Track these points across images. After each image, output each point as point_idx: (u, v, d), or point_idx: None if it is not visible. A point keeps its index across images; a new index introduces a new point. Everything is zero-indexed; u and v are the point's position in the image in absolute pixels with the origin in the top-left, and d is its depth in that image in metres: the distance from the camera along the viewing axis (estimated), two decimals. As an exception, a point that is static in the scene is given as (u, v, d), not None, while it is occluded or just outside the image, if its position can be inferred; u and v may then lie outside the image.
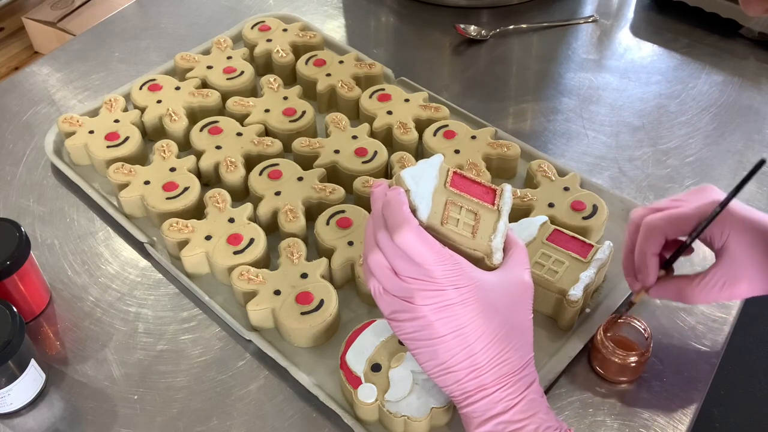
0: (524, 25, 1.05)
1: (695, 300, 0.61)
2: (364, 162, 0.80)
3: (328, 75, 0.90)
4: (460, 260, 0.51)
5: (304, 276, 0.69)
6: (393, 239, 0.51)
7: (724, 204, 0.57)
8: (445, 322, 0.51)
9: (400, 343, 0.63)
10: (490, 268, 0.54)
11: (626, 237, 0.64)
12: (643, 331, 0.64)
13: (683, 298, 0.61)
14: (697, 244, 0.60)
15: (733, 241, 0.58)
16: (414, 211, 0.52)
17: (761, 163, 0.55)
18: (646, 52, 1.01)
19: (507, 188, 0.57)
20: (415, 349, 0.53)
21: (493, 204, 0.56)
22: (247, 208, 0.75)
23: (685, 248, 0.61)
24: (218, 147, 0.81)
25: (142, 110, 0.87)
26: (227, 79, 0.90)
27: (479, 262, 0.53)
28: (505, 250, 0.55)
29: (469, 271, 0.51)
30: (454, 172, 0.56)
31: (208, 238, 0.72)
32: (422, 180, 0.54)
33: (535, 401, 0.53)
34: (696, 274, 0.60)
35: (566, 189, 0.77)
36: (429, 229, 0.52)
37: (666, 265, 0.62)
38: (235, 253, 0.71)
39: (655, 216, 0.61)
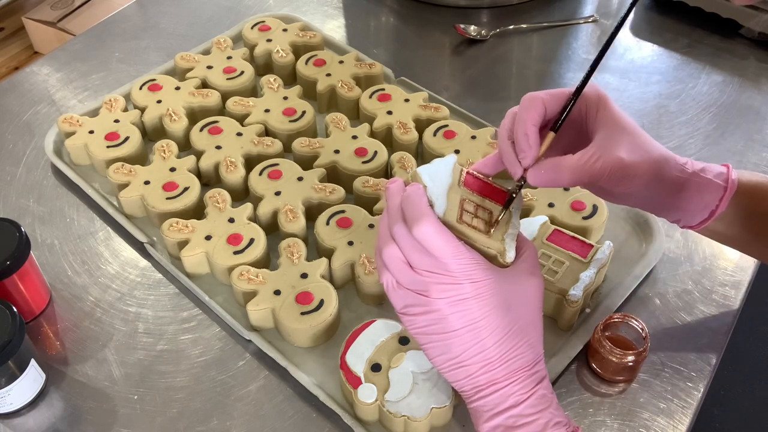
0: (524, 25, 1.05)
1: (573, 177, 0.54)
2: (364, 162, 0.80)
3: (328, 75, 0.90)
4: (476, 255, 0.52)
5: (304, 276, 0.69)
6: (412, 232, 0.51)
7: (594, 65, 0.55)
8: (459, 315, 0.51)
9: (401, 343, 0.63)
10: (503, 266, 0.54)
11: (503, 122, 0.58)
12: (640, 331, 0.64)
13: (560, 175, 0.54)
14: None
15: (608, 113, 0.55)
16: (430, 207, 0.53)
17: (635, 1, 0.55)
18: (646, 52, 1.01)
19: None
20: (427, 343, 0.53)
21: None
22: (247, 208, 0.75)
23: (568, 112, 0.55)
24: (218, 147, 0.81)
25: (142, 110, 0.87)
26: (227, 79, 0.90)
27: (492, 260, 0.54)
28: (516, 249, 0.55)
29: (485, 266, 0.52)
30: (467, 172, 0.57)
31: (208, 238, 0.72)
32: (437, 178, 0.55)
33: (545, 397, 0.53)
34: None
35: (566, 189, 0.77)
36: (445, 225, 0.53)
37: (553, 128, 0.56)
38: (235, 253, 0.71)
39: (535, 92, 0.57)
